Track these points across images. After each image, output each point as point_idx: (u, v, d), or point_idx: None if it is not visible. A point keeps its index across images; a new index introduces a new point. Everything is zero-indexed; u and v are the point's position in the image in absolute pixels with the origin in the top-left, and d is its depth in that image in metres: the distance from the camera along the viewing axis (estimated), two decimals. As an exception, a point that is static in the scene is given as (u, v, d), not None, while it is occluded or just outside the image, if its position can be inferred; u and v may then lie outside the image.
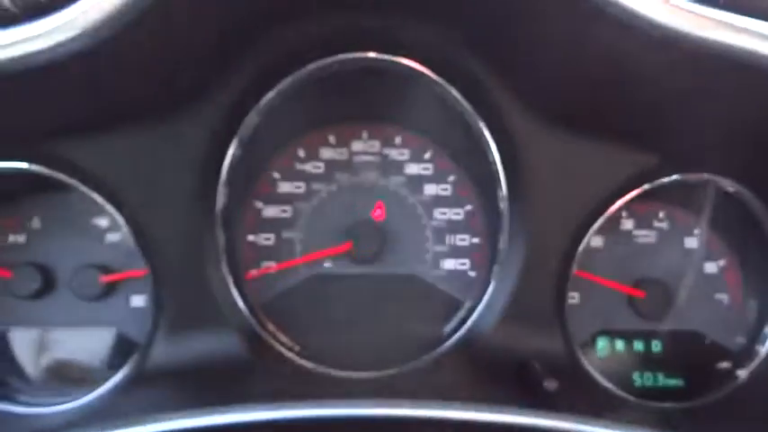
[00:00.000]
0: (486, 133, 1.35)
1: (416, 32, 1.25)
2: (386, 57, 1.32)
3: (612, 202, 1.35)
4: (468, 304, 1.44)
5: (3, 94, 0.98)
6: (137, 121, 1.22)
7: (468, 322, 1.38)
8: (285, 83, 1.31)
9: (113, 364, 1.36)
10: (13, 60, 0.89)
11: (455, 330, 1.40)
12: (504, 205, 1.36)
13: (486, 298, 1.37)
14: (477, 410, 1.02)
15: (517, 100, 1.29)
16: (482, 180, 1.45)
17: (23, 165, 1.26)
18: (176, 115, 1.23)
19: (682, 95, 1.10)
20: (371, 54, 1.31)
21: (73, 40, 0.88)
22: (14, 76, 0.91)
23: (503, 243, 1.36)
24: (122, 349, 1.37)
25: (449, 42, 1.26)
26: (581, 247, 1.36)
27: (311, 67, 1.30)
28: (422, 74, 1.34)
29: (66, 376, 1.38)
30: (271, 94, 1.31)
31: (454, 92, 1.35)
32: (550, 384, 1.18)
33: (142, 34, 0.94)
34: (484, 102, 1.33)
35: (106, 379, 1.31)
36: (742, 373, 1.41)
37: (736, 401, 1.39)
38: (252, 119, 1.32)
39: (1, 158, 1.25)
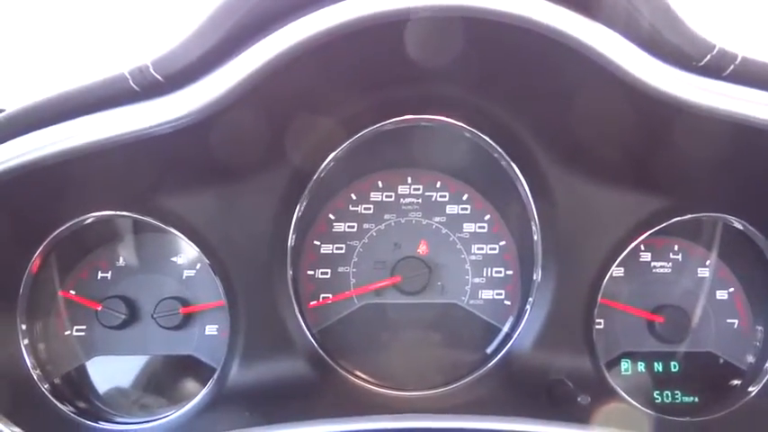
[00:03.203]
0: (520, 177, 1.49)
1: (456, 95, 1.42)
2: (430, 116, 1.48)
3: (634, 238, 1.47)
4: (505, 330, 1.59)
5: (120, 157, 1.15)
6: (226, 178, 1.40)
7: (507, 346, 1.50)
8: (345, 145, 1.48)
9: (191, 385, 1.52)
10: (139, 131, 1.07)
11: (495, 353, 1.52)
12: (537, 241, 1.50)
13: (522, 324, 1.49)
14: (515, 422, 1.19)
15: (545, 148, 1.44)
16: (515, 219, 1.60)
17: (128, 213, 1.43)
18: (258, 174, 1.42)
19: (692, 153, 1.26)
20: (417, 116, 1.48)
21: (183, 117, 1.06)
22: (133, 143, 1.09)
23: (536, 275, 1.49)
24: (198, 373, 1.53)
25: (485, 102, 1.43)
26: (605, 278, 1.48)
27: (368, 130, 1.47)
28: (459, 127, 1.49)
29: (150, 398, 1.53)
30: (332, 154, 1.48)
31: (489, 140, 1.49)
32: (584, 399, 1.34)
33: (229, 118, 1.10)
34: (516, 150, 1.48)
35: (187, 400, 1.45)
36: (752, 390, 1.51)
37: (748, 416, 1.48)
38: (317, 175, 1.49)
39: (109, 209, 1.43)
